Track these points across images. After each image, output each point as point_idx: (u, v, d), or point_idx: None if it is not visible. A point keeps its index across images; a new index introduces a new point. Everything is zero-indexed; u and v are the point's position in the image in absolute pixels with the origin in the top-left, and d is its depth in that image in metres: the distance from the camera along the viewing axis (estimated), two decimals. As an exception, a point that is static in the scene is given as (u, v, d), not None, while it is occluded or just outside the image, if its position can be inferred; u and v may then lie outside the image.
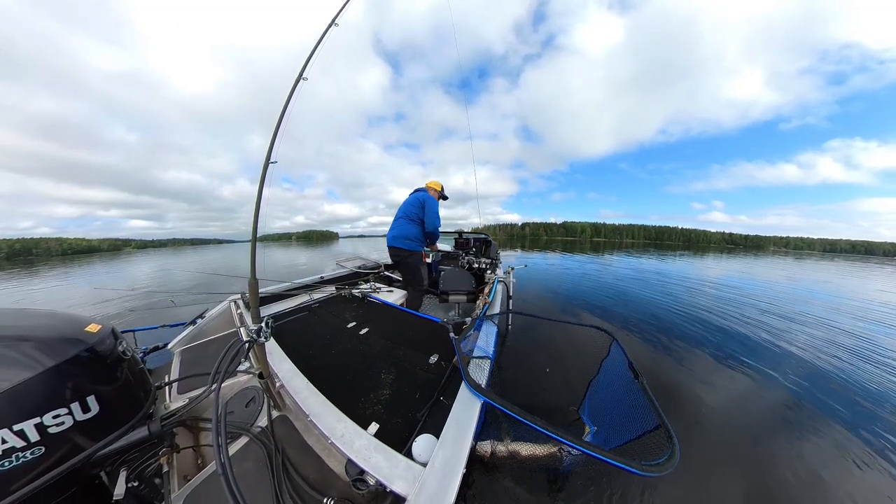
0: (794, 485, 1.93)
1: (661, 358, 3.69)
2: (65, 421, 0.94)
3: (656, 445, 1.02)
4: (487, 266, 4.47)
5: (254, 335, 1.14)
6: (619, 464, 0.87)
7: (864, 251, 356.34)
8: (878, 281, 14.10)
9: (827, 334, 4.98)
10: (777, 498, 1.84)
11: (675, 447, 0.96)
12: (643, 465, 0.88)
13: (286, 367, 1.58)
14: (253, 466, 1.13)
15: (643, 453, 1.01)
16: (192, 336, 2.23)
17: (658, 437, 1.05)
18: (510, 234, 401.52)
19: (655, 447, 1.01)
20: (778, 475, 1.99)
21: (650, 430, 1.09)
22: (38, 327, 1.03)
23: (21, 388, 0.87)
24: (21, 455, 0.86)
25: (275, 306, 2.78)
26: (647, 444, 1.06)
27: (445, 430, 1.10)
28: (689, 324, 5.14)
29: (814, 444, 2.31)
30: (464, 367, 1.38)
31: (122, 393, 1.14)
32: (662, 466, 0.89)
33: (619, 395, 1.48)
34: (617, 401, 1.48)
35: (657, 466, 0.89)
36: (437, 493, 0.86)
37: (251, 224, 1.24)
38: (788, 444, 2.31)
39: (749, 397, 2.92)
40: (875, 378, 3.42)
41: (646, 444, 1.07)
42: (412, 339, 2.04)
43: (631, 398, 1.35)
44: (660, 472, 0.88)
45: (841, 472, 2.06)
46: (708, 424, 2.47)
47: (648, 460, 0.93)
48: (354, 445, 1.07)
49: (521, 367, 3.19)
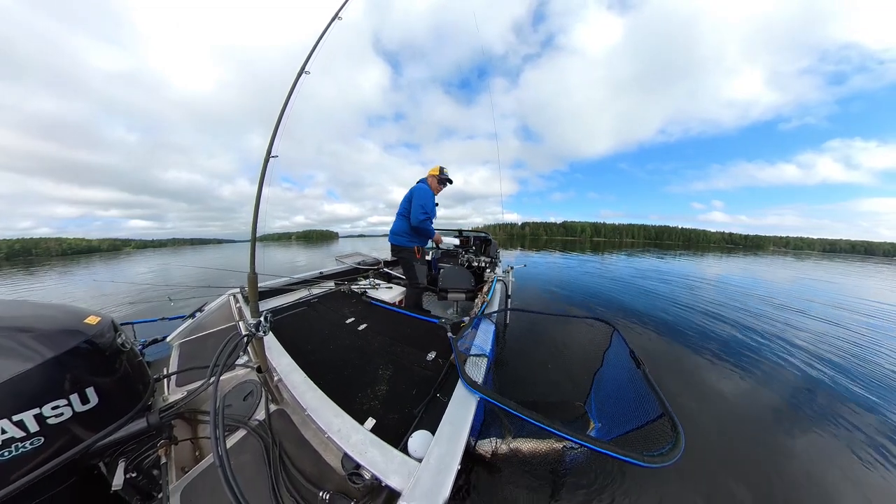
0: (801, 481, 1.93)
1: (667, 352, 3.70)
2: (64, 412, 0.95)
3: (660, 434, 0.98)
4: (487, 264, 4.47)
5: (253, 329, 1.15)
6: (621, 456, 0.85)
7: (863, 251, 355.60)
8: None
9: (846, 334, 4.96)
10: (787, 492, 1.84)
11: (680, 435, 0.92)
12: (645, 457, 0.86)
13: (284, 361, 1.59)
14: (250, 459, 1.14)
15: (646, 444, 0.98)
16: (192, 329, 2.24)
17: (662, 425, 1.01)
18: (510, 234, 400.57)
19: (659, 436, 0.98)
20: (793, 469, 2.00)
21: (653, 420, 1.06)
22: (38, 318, 1.04)
23: (20, 378, 0.88)
24: (20, 445, 0.87)
25: (274, 301, 2.78)
26: (650, 433, 1.03)
27: (441, 426, 1.11)
28: (691, 322, 5.15)
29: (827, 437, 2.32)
30: (460, 365, 1.39)
31: (120, 385, 1.15)
32: (666, 456, 0.87)
33: (622, 386, 1.45)
34: (621, 391, 1.45)
35: (660, 457, 0.87)
36: (432, 488, 0.87)
37: (250, 223, 1.24)
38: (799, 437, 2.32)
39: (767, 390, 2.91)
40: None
41: (649, 433, 1.03)
42: (410, 335, 2.05)
43: (634, 388, 1.32)
44: (663, 462, 0.85)
45: (851, 467, 2.07)
46: (713, 418, 2.48)
47: (651, 451, 0.90)
48: (351, 440, 1.08)
49: (522, 364, 3.19)
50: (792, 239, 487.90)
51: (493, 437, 1.41)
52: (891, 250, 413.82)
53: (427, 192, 3.13)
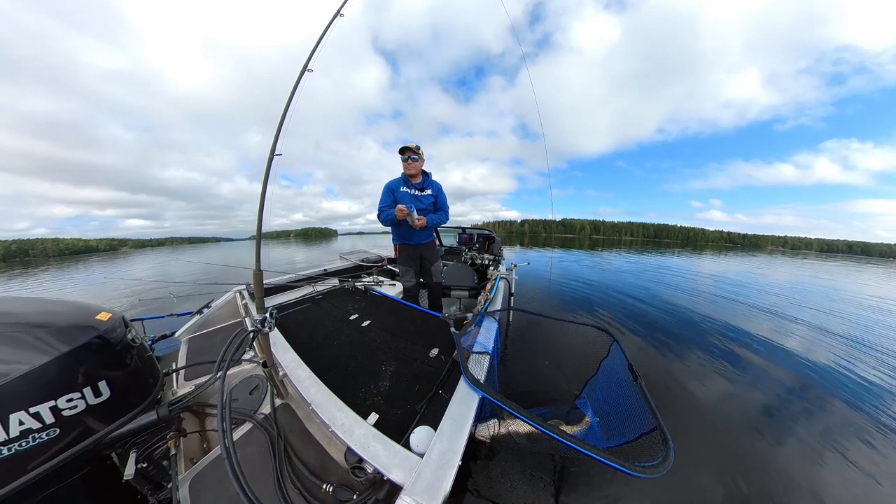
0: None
1: (659, 355, 3.70)
2: (78, 405, 0.98)
3: (652, 447, 1.03)
4: (490, 262, 4.47)
5: (258, 325, 1.17)
6: (615, 464, 0.88)
7: (860, 252, 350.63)
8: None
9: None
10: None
11: (670, 450, 0.96)
12: (637, 466, 0.89)
13: (289, 356, 1.61)
14: (256, 451, 1.17)
15: (638, 454, 1.02)
16: (199, 325, 2.28)
17: (653, 438, 1.06)
18: (509, 231, 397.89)
19: (651, 448, 1.02)
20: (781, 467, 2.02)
21: (646, 432, 1.11)
22: (53, 314, 1.07)
23: (37, 371, 0.91)
24: (37, 436, 0.90)
25: (279, 297, 2.82)
26: (642, 445, 1.08)
27: (443, 422, 1.12)
28: (690, 320, 5.12)
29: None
30: (463, 362, 1.40)
31: (131, 379, 1.18)
32: (656, 468, 0.90)
33: (616, 396, 1.50)
34: (614, 401, 1.50)
35: (651, 468, 0.91)
36: (433, 483, 0.89)
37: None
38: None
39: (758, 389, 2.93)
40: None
41: (641, 445, 1.08)
42: (413, 332, 2.06)
43: (628, 399, 1.36)
44: (653, 473, 0.89)
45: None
46: (705, 416, 2.49)
47: (642, 461, 0.94)
48: (354, 434, 1.10)
49: (521, 364, 3.21)
50: (790, 238, 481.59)
51: (494, 420, 1.44)
52: (887, 251, 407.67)
53: (390, 182, 2.84)
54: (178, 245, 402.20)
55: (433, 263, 3.10)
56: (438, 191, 2.91)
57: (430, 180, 2.92)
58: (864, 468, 2.08)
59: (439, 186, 2.93)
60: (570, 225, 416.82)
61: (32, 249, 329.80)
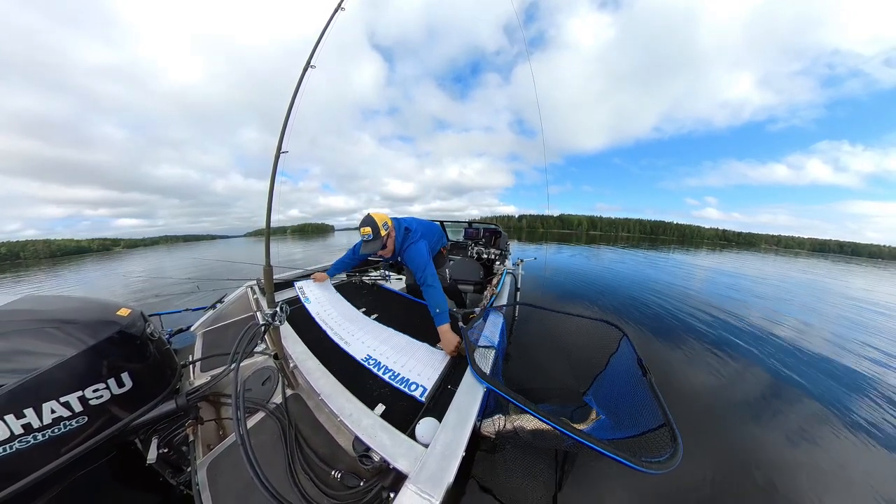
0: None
1: (665, 347, 3.66)
2: (103, 394, 1.05)
3: (659, 442, 1.02)
4: (496, 257, 4.45)
5: (269, 319, 1.21)
6: (623, 459, 0.87)
7: (850, 252, 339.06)
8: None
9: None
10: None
11: (679, 447, 0.95)
12: (643, 462, 0.88)
13: (300, 349, 1.66)
14: (268, 439, 1.22)
15: (645, 449, 1.01)
16: (213, 319, 2.36)
17: (662, 434, 1.04)
18: (507, 226, 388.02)
19: (659, 444, 1.01)
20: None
21: (654, 428, 1.09)
22: (79, 311, 1.14)
23: (67, 364, 0.98)
24: (68, 423, 0.97)
25: (289, 292, 2.88)
26: (650, 440, 1.06)
27: (448, 414, 1.15)
28: (688, 319, 5.03)
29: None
30: (470, 355, 1.42)
31: (151, 370, 1.25)
32: (663, 464, 0.89)
33: (625, 391, 1.48)
34: (622, 396, 1.48)
35: (658, 464, 0.89)
36: (437, 472, 0.91)
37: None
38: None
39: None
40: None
41: (649, 440, 1.07)
42: (419, 325, 2.09)
43: (637, 394, 1.35)
44: (660, 469, 0.87)
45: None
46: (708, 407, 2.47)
47: (650, 457, 0.92)
48: (362, 424, 1.14)
49: (526, 359, 3.20)
50: (784, 238, 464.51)
51: (499, 415, 1.46)
52: (875, 252, 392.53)
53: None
54: (172, 243, 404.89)
55: (439, 268, 2.97)
56: (410, 259, 2.11)
57: (406, 246, 2.12)
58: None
59: (414, 252, 2.09)
60: (567, 220, 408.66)
61: (23, 251, 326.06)
